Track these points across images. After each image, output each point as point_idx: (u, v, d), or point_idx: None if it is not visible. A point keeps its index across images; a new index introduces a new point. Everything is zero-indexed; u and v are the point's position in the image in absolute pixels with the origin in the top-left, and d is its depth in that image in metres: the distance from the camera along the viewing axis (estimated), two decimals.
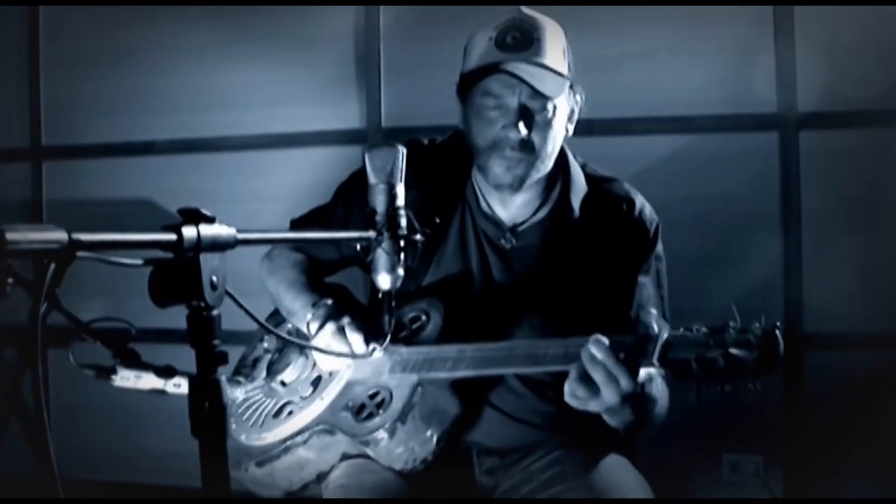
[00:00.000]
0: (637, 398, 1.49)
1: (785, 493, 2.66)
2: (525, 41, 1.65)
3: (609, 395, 1.44)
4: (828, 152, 2.62)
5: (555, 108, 1.68)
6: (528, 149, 1.68)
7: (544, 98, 1.65)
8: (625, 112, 2.72)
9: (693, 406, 1.40)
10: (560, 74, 1.67)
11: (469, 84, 1.70)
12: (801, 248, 2.63)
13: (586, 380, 1.45)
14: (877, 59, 2.55)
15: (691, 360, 1.40)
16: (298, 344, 1.78)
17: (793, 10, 2.60)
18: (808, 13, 2.59)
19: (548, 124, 1.68)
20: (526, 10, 1.72)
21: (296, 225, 1.96)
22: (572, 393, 1.47)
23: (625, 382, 1.43)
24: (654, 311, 1.77)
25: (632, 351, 1.45)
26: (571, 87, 1.72)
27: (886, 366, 2.55)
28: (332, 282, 1.99)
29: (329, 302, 1.77)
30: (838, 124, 2.60)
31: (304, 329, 1.76)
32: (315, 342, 1.71)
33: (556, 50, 1.67)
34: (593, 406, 1.47)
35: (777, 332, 1.38)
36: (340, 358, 1.72)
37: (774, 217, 2.64)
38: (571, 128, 1.77)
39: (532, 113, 1.66)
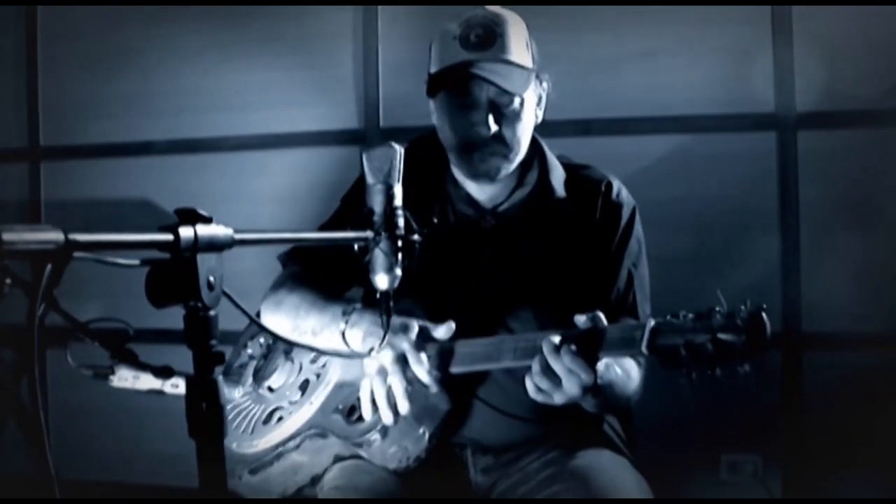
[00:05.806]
0: (597, 388, 1.52)
1: (783, 494, 2.66)
2: (488, 38, 1.68)
3: (571, 387, 1.48)
4: (826, 152, 2.61)
5: (522, 101, 1.72)
6: (500, 142, 1.72)
7: (511, 94, 1.69)
8: (623, 112, 2.71)
9: (690, 404, 1.40)
10: (525, 68, 1.71)
11: (438, 84, 1.73)
12: (799, 248, 2.63)
13: (549, 373, 1.49)
14: (875, 59, 2.54)
15: (680, 347, 1.41)
16: (298, 346, 1.77)
17: (791, 10, 2.60)
18: (806, 13, 2.59)
19: (517, 117, 1.72)
20: (489, 7, 1.75)
21: (321, 230, 1.90)
22: (536, 387, 1.51)
23: (584, 376, 1.47)
24: (633, 294, 1.80)
25: (582, 344, 1.48)
26: (537, 76, 1.76)
27: (885, 366, 2.54)
28: None
29: (359, 305, 1.73)
30: (836, 124, 2.60)
31: (340, 341, 1.69)
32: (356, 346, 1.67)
33: (519, 44, 1.71)
34: (557, 398, 1.51)
35: (763, 313, 1.38)
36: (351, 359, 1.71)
37: (773, 217, 2.64)
38: (541, 113, 1.82)
39: (500, 108, 1.70)
